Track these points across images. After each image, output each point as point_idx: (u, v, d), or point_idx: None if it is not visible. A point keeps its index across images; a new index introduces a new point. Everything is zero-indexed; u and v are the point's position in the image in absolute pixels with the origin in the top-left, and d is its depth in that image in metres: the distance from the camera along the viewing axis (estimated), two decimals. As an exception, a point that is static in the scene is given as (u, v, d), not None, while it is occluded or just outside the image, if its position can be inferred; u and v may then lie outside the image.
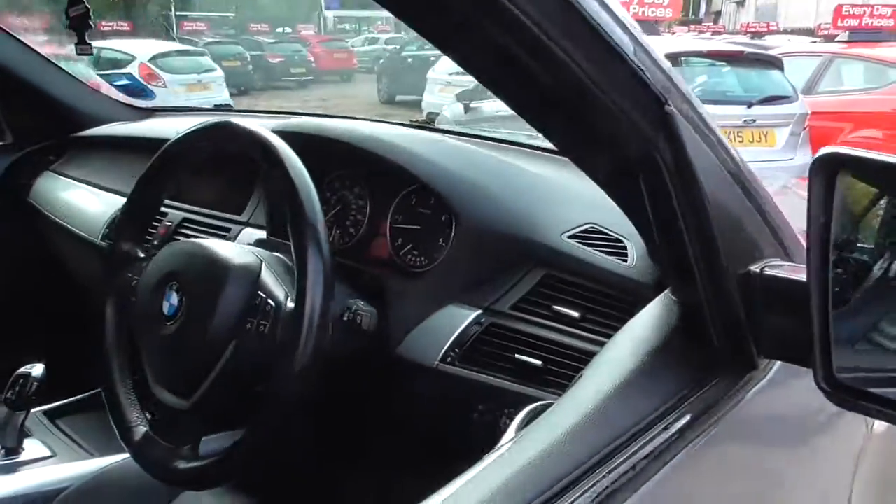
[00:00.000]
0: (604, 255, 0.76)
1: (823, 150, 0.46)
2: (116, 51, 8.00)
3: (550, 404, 0.51)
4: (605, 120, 0.48)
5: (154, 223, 1.07)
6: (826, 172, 0.46)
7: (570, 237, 0.79)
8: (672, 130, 0.48)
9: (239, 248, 0.75)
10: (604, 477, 0.44)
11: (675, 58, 4.06)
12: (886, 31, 6.82)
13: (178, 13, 18.07)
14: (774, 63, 4.72)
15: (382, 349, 0.79)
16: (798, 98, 4.51)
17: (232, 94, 9.06)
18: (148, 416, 0.74)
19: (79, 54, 1.09)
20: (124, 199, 1.24)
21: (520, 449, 0.45)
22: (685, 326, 0.56)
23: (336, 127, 0.98)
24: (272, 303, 0.68)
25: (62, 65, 1.43)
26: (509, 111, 0.50)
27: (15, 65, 1.34)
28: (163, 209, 1.03)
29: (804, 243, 0.53)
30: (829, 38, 7.22)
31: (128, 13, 16.11)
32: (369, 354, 0.79)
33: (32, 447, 0.85)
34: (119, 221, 0.85)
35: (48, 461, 0.85)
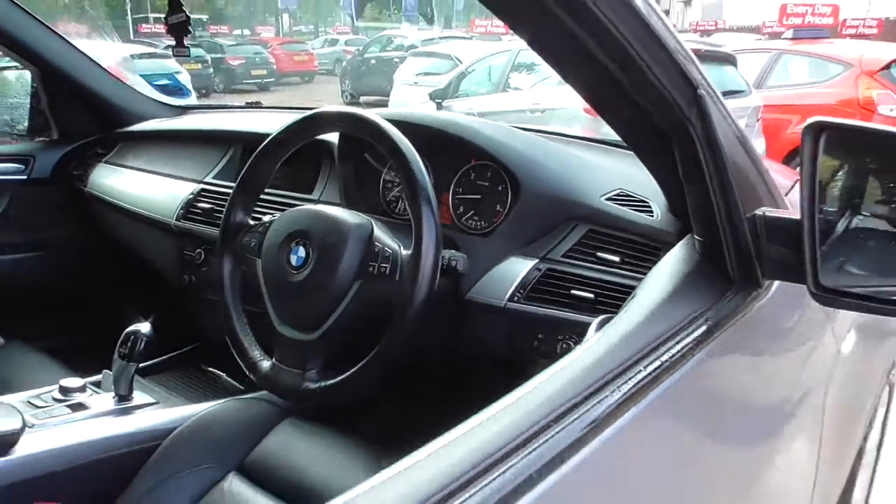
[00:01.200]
0: (634, 211, 0.94)
1: (811, 119, 0.64)
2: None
3: (613, 316, 0.68)
4: (650, 95, 0.64)
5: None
6: (813, 135, 0.64)
7: (606, 199, 0.97)
8: (703, 108, 0.65)
9: (351, 212, 0.90)
10: (650, 364, 0.60)
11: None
12: (827, 28, 7.27)
13: (134, 16, 17.78)
14: (729, 60, 5.03)
15: (455, 294, 0.96)
16: (752, 92, 4.82)
17: (195, 97, 9.04)
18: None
19: (175, 56, 1.22)
20: (187, 184, 1.38)
21: (589, 348, 0.61)
22: (706, 258, 0.73)
23: (412, 113, 1.13)
24: (390, 250, 0.84)
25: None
26: (481, 109, 0.66)
27: (63, 65, 1.45)
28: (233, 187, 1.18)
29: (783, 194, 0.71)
30: (774, 36, 7.63)
31: (81, 15, 15.78)
32: (454, 296, 0.95)
33: (140, 395, 0.98)
34: (232, 196, 0.98)
35: (154, 407, 0.98)
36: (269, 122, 1.36)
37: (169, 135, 1.54)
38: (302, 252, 0.85)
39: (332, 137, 1.11)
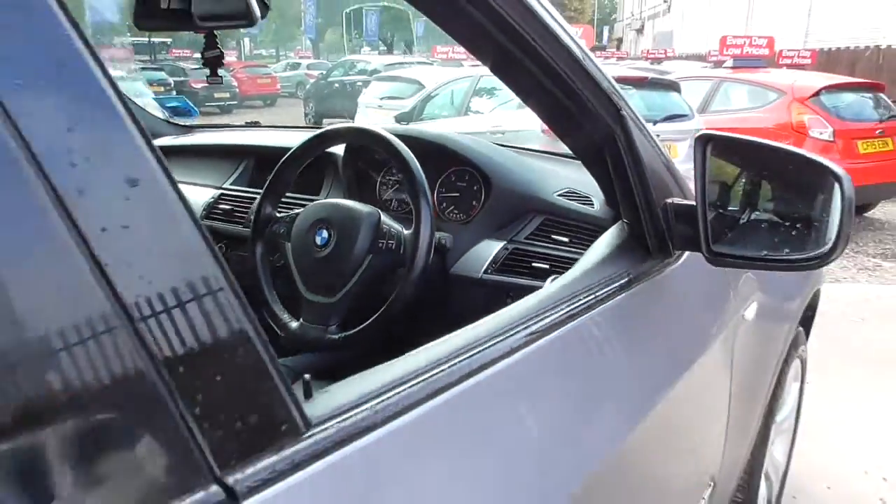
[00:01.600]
0: (579, 204, 1.20)
1: (699, 132, 0.90)
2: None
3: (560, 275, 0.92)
4: (587, 115, 0.89)
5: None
6: (702, 144, 0.90)
7: (558, 195, 1.23)
8: (625, 125, 0.90)
9: (363, 203, 1.13)
10: (583, 299, 0.81)
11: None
12: (764, 58, 7.83)
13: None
14: (673, 87, 5.44)
15: (442, 270, 1.19)
16: (694, 116, 5.22)
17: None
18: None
19: (209, 84, 1.43)
20: (207, 189, 1.58)
21: (539, 293, 0.83)
22: (631, 236, 0.98)
23: (405, 128, 1.37)
24: (395, 230, 1.07)
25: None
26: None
27: None
28: (250, 192, 1.40)
29: (691, 187, 0.97)
30: (719, 64, 8.16)
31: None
32: (442, 271, 1.19)
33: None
34: (262, 196, 1.20)
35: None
36: (273, 138, 1.58)
37: (180, 150, 1.74)
38: (325, 234, 1.08)
39: (337, 150, 1.35)
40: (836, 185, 0.82)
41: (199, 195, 1.56)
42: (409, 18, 34.63)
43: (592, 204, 1.21)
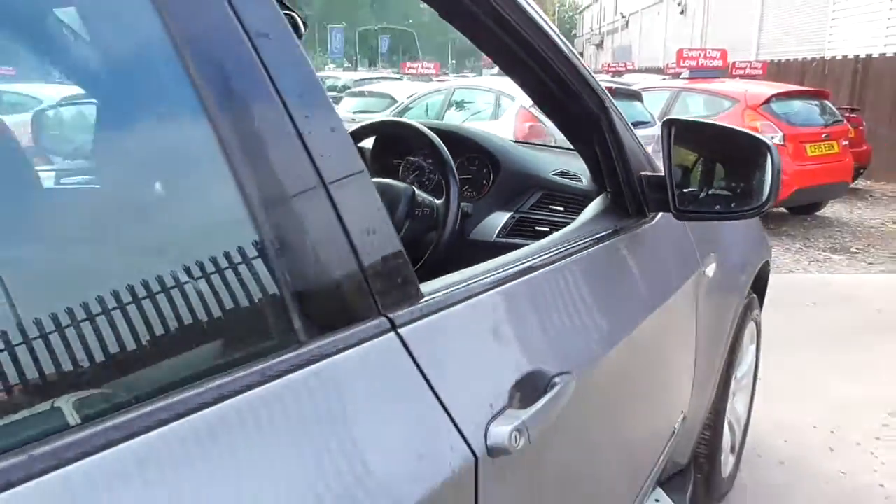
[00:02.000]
0: (570, 181, 1.47)
1: (665, 118, 1.17)
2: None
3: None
4: (577, 103, 1.15)
5: None
6: (667, 128, 1.17)
7: (554, 174, 1.49)
8: (608, 113, 1.17)
9: (397, 181, 1.37)
10: (574, 245, 1.06)
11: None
12: (718, 70, 8.32)
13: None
14: (636, 96, 5.81)
15: (462, 235, 1.44)
16: (656, 123, 5.58)
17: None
18: None
19: None
20: None
21: (538, 243, 1.08)
22: (614, 202, 1.25)
23: (428, 122, 1.62)
24: (428, 201, 1.31)
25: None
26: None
27: None
28: None
29: (659, 164, 1.24)
30: (676, 75, 8.63)
31: None
32: (462, 236, 1.44)
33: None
34: None
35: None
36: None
37: None
38: None
39: (365, 143, 1.60)
40: (768, 154, 1.10)
41: None
42: (375, 36, 34.94)
43: (581, 180, 1.48)
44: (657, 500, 1.58)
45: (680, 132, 1.18)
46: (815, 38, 12.11)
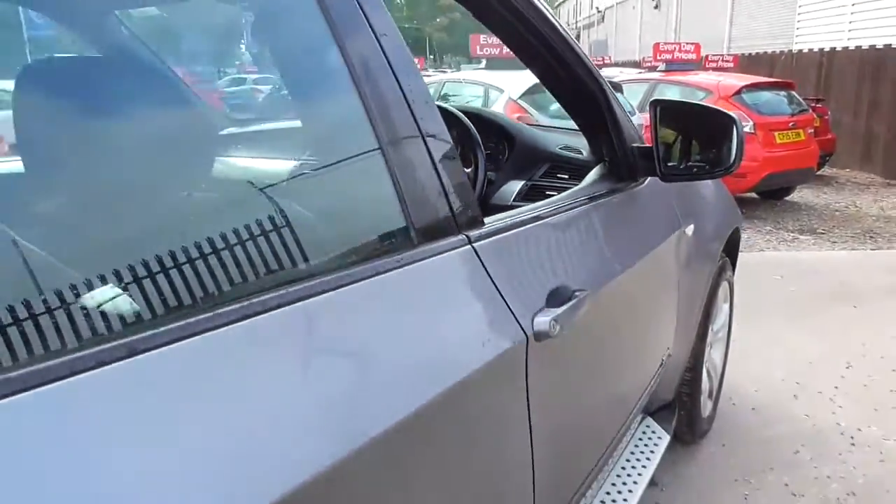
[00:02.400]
0: (574, 154, 1.74)
1: (651, 100, 1.45)
2: None
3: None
4: (580, 85, 1.42)
5: None
6: (653, 108, 1.45)
7: (560, 149, 1.76)
8: (605, 94, 1.44)
9: None
10: (579, 199, 1.33)
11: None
12: (692, 62, 8.68)
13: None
14: (617, 88, 6.10)
15: (484, 200, 1.71)
16: (636, 113, 5.88)
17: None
18: None
19: None
20: None
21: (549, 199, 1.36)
22: (610, 171, 1.52)
23: (452, 105, 1.89)
24: (466, 170, 1.57)
25: None
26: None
27: None
28: None
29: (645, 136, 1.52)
30: (652, 69, 8.97)
31: None
32: (485, 201, 1.70)
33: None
34: None
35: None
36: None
37: None
38: None
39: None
40: (734, 126, 1.38)
41: None
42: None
43: (582, 154, 1.75)
44: (648, 426, 1.86)
45: (664, 110, 1.46)
46: (783, 32, 12.56)
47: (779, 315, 3.56)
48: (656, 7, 20.35)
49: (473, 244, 0.91)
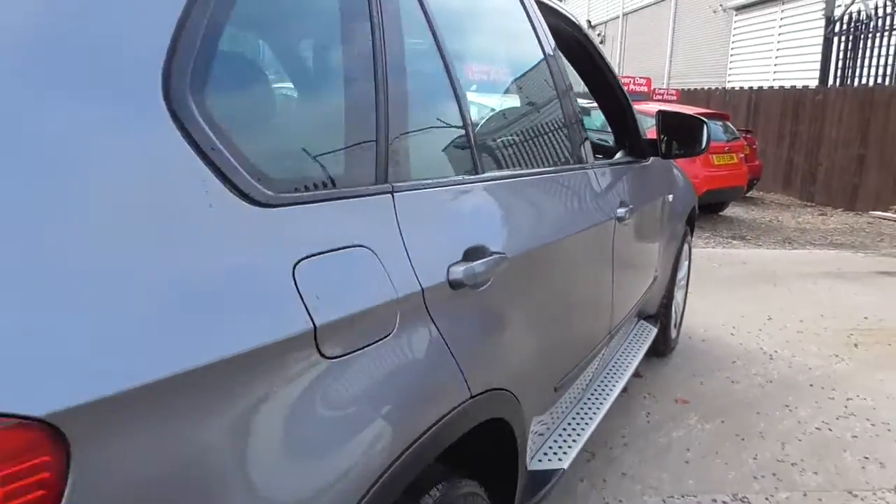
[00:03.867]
0: (604, 143, 2.70)
1: (658, 109, 2.42)
2: None
3: None
4: (612, 98, 2.38)
5: None
6: (659, 115, 2.42)
7: (596, 138, 2.71)
8: (629, 104, 2.41)
9: None
10: (607, 166, 2.28)
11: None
12: (643, 94, 9.96)
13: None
14: (586, 112, 7.18)
15: None
16: (600, 134, 6.97)
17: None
18: None
19: None
20: None
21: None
22: (631, 151, 2.49)
23: None
24: None
25: None
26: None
27: None
28: None
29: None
30: (607, 99, 10.20)
31: None
32: None
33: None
34: None
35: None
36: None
37: None
38: None
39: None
40: (703, 125, 2.37)
41: None
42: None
43: (609, 143, 2.70)
44: (641, 325, 2.82)
45: (664, 115, 2.44)
46: (716, 70, 14.14)
47: (719, 290, 4.63)
48: (601, 42, 22.00)
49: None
